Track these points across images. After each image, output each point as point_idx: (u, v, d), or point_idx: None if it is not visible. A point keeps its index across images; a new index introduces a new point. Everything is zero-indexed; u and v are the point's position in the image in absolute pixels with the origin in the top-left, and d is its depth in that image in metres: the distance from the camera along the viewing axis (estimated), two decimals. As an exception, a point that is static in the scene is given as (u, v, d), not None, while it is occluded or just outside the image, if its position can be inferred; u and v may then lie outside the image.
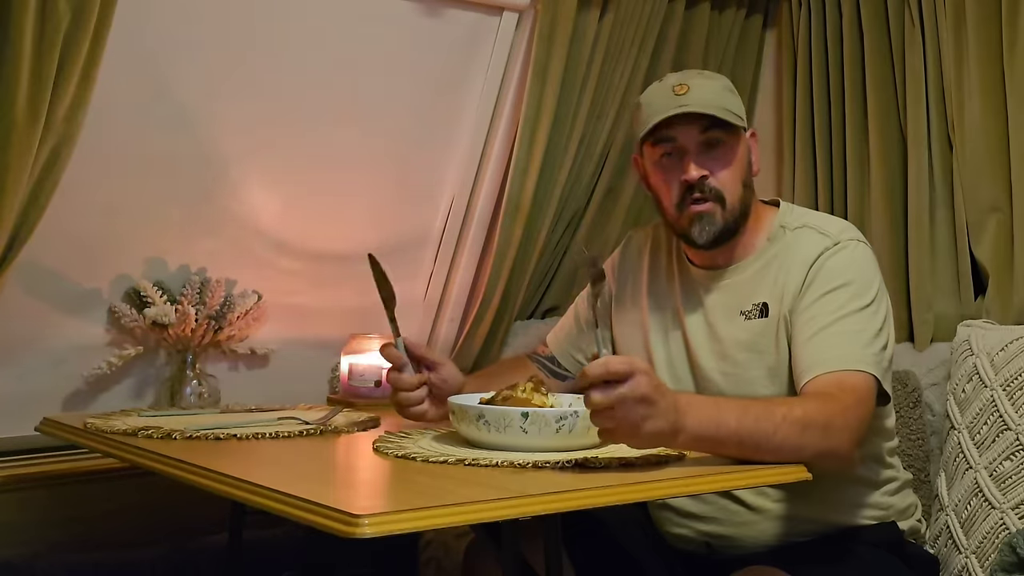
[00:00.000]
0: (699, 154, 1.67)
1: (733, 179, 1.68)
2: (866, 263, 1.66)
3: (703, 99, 1.66)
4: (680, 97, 1.66)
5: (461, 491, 1.26)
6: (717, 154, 1.68)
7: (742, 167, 1.70)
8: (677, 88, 1.67)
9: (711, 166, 1.67)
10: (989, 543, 1.82)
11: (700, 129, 1.66)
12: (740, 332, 1.69)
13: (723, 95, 1.69)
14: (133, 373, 2.24)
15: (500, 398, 1.54)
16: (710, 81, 1.71)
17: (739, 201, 1.69)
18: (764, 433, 1.41)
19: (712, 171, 1.67)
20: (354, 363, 2.27)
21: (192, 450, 1.54)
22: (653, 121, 1.67)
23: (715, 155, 1.68)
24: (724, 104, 1.68)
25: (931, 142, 2.25)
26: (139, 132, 2.09)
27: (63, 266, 2.11)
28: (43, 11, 1.69)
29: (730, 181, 1.68)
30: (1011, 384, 1.88)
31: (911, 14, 2.26)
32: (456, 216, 2.54)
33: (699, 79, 1.70)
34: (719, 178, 1.67)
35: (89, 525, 2.09)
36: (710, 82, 1.71)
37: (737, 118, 1.68)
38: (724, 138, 1.67)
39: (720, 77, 1.75)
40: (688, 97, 1.66)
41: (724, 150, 1.68)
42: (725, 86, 1.72)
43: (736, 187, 1.69)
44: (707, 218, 1.68)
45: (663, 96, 1.68)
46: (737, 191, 1.69)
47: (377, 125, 2.36)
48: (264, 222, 2.31)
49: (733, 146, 1.69)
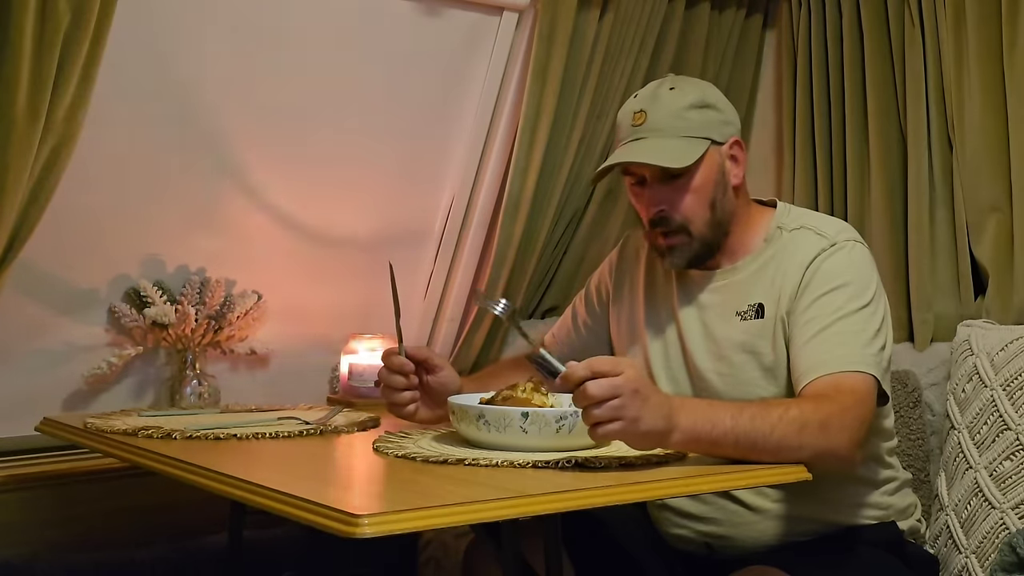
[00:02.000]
0: (659, 185, 1.66)
1: (697, 205, 1.66)
2: (863, 263, 1.65)
3: (657, 130, 1.64)
4: (636, 128, 1.66)
5: (461, 491, 1.26)
6: (678, 184, 1.66)
7: (708, 189, 1.67)
8: (636, 116, 1.66)
9: (672, 197, 1.66)
10: (989, 543, 1.82)
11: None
12: (736, 333, 1.68)
13: (683, 118, 1.65)
14: (133, 373, 2.24)
15: (500, 398, 1.54)
16: (672, 102, 1.66)
17: (707, 225, 1.67)
18: (761, 432, 1.41)
19: (672, 202, 1.66)
20: (354, 363, 2.27)
21: (192, 450, 1.54)
22: (609, 161, 1.68)
23: (676, 185, 1.66)
24: (681, 130, 1.65)
25: (931, 142, 2.25)
26: (139, 132, 2.10)
27: (63, 266, 2.11)
28: (43, 11, 1.69)
29: (692, 208, 1.66)
30: (1011, 384, 1.88)
31: (911, 14, 2.26)
32: (456, 216, 2.54)
33: (662, 101, 1.66)
34: (681, 209, 1.66)
35: (89, 525, 2.09)
36: (671, 104, 1.66)
37: (696, 143, 1.65)
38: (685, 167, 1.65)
39: (691, 90, 1.68)
40: (643, 128, 1.65)
41: (685, 178, 1.66)
42: (691, 103, 1.66)
43: (702, 212, 1.67)
44: (676, 250, 1.68)
45: (624, 123, 1.69)
46: (703, 216, 1.67)
47: (377, 125, 2.36)
48: (264, 222, 2.31)
49: (693, 171, 1.66)
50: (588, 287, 1.96)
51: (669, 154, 1.64)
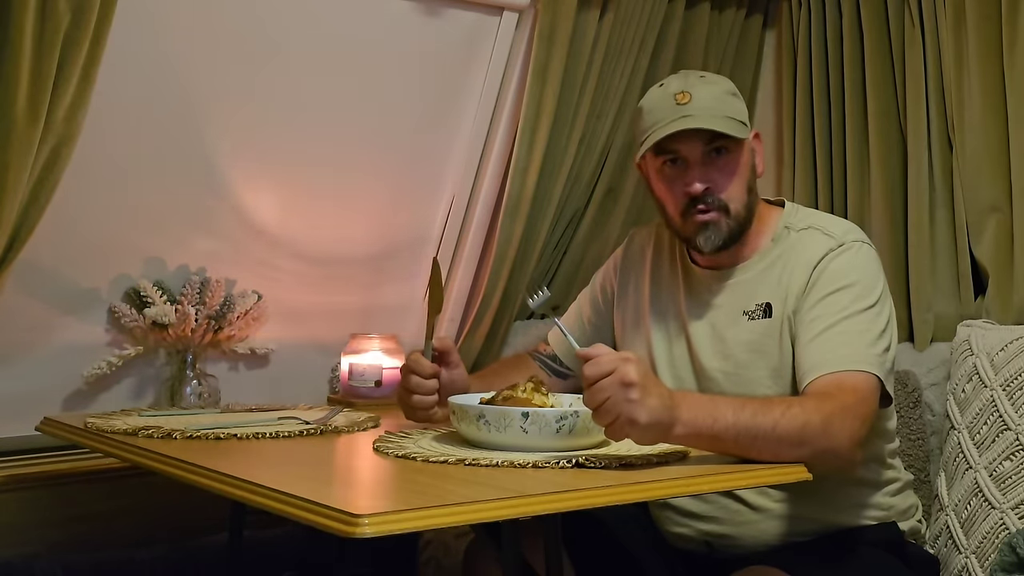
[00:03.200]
0: (702, 165, 1.66)
1: (738, 188, 1.67)
2: (870, 264, 1.65)
3: (705, 108, 1.64)
4: (682, 107, 1.64)
5: (461, 491, 1.26)
6: (721, 164, 1.66)
7: (746, 174, 1.69)
8: (679, 96, 1.65)
9: (715, 177, 1.66)
10: (989, 543, 1.82)
11: (704, 141, 1.65)
12: (743, 332, 1.68)
13: (726, 101, 1.68)
14: (133, 373, 2.23)
15: (500, 398, 1.54)
16: (712, 86, 1.68)
17: (744, 208, 1.68)
18: (762, 428, 1.41)
19: (716, 182, 1.66)
20: (354, 363, 2.27)
21: (192, 450, 1.54)
22: (657, 135, 1.64)
23: (719, 165, 1.66)
24: (726, 111, 1.66)
25: (931, 142, 2.25)
26: (139, 132, 2.09)
27: (63, 266, 2.11)
28: (43, 11, 1.69)
29: (734, 190, 1.67)
30: (1011, 384, 1.88)
31: (911, 14, 2.26)
32: (456, 216, 2.54)
33: (701, 85, 1.67)
34: (723, 189, 1.66)
35: (89, 525, 2.09)
36: (712, 87, 1.68)
37: (740, 125, 1.67)
38: (727, 147, 1.66)
39: (722, 80, 1.72)
40: (690, 106, 1.64)
41: (728, 160, 1.67)
42: (727, 90, 1.70)
43: (740, 195, 1.68)
44: (712, 227, 1.67)
45: (665, 104, 1.66)
46: (742, 199, 1.68)
47: (377, 125, 2.36)
48: (264, 222, 2.31)
49: (737, 154, 1.67)
50: (593, 284, 1.96)
51: (726, 127, 1.64)
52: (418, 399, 1.70)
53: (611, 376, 1.34)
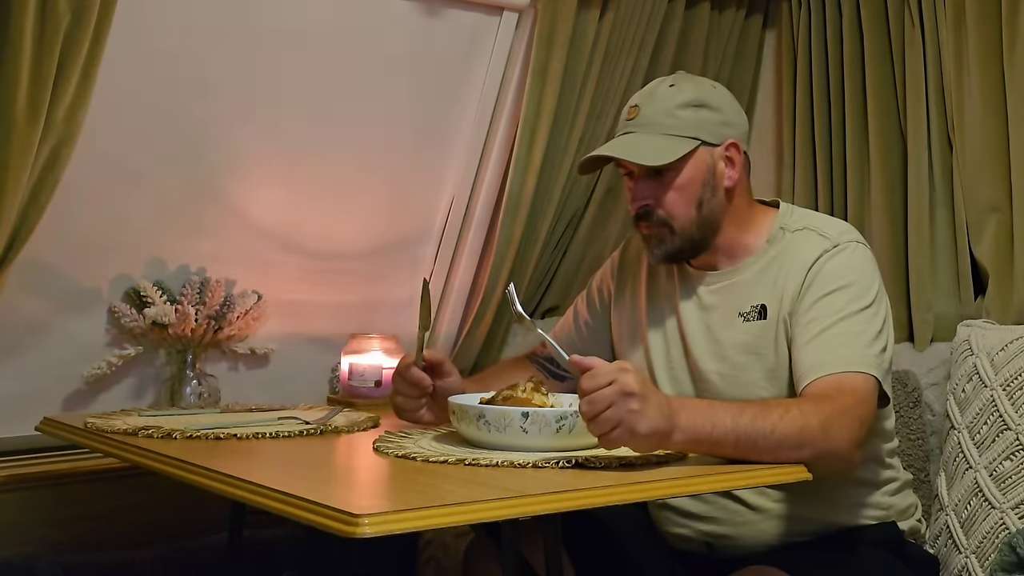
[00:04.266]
0: (643, 180, 1.67)
1: (681, 202, 1.66)
2: (866, 265, 1.65)
3: (648, 122, 1.65)
4: (628, 123, 1.68)
5: (461, 491, 1.26)
6: (663, 180, 1.66)
7: (695, 188, 1.66)
8: (630, 111, 1.68)
9: (657, 192, 1.66)
10: (989, 543, 1.82)
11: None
12: (739, 334, 1.68)
13: (673, 115, 1.65)
14: (133, 373, 2.24)
15: (500, 398, 1.54)
16: (670, 97, 1.66)
17: (692, 224, 1.67)
18: (761, 432, 1.41)
19: (657, 198, 1.66)
20: (354, 363, 2.27)
21: (192, 450, 1.54)
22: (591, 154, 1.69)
23: (661, 180, 1.66)
24: (670, 127, 1.65)
25: (931, 142, 2.25)
26: (139, 131, 2.10)
27: (63, 266, 2.11)
28: (43, 11, 1.69)
29: (676, 205, 1.66)
30: (1011, 384, 1.88)
31: (911, 14, 2.26)
32: (456, 215, 2.54)
33: (656, 97, 1.67)
34: (663, 205, 1.66)
35: (89, 525, 2.09)
36: (668, 99, 1.66)
37: (685, 141, 1.65)
38: (669, 164, 1.65)
39: (690, 88, 1.68)
40: (634, 123, 1.66)
41: (670, 175, 1.66)
42: (686, 101, 1.66)
43: (686, 211, 1.66)
44: (654, 241, 1.69)
45: (622, 118, 1.70)
46: (687, 215, 1.66)
47: (377, 124, 2.36)
48: (264, 222, 2.31)
49: (679, 171, 1.66)
50: (590, 287, 1.96)
51: (650, 150, 1.64)
52: (402, 400, 1.71)
53: (611, 387, 1.34)
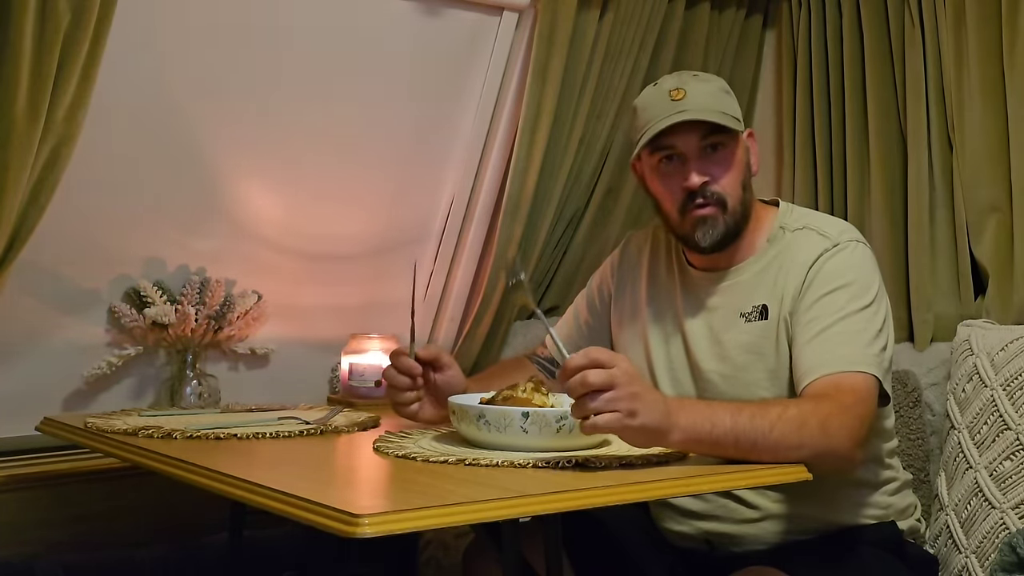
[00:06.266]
0: (699, 159, 1.67)
1: (734, 182, 1.68)
2: (866, 264, 1.65)
3: (700, 104, 1.65)
4: (677, 103, 1.66)
5: (461, 491, 1.26)
6: (717, 158, 1.68)
7: (741, 169, 1.70)
8: (674, 93, 1.66)
9: (712, 171, 1.67)
10: (989, 543, 1.82)
11: (700, 135, 1.66)
12: (741, 334, 1.68)
13: (719, 98, 1.69)
14: (133, 373, 2.24)
15: (500, 398, 1.54)
16: (706, 84, 1.70)
17: (740, 203, 1.69)
18: (760, 431, 1.41)
19: (713, 176, 1.67)
20: (354, 363, 2.27)
21: (192, 450, 1.54)
22: (653, 130, 1.65)
23: (715, 159, 1.68)
24: (721, 107, 1.67)
25: (931, 142, 2.25)
26: (139, 132, 2.10)
27: (63, 266, 2.11)
28: (43, 11, 1.69)
29: (731, 185, 1.68)
30: (1011, 384, 1.88)
31: (911, 14, 2.26)
32: (456, 215, 2.54)
33: (695, 82, 1.69)
34: (720, 182, 1.67)
35: (89, 525, 2.09)
36: (706, 85, 1.70)
37: (735, 120, 1.68)
38: (724, 142, 1.67)
39: (715, 79, 1.74)
40: (685, 102, 1.65)
41: (724, 154, 1.68)
42: (721, 88, 1.72)
43: (737, 190, 1.69)
44: (710, 222, 1.68)
45: (660, 102, 1.67)
46: (738, 194, 1.69)
47: (377, 124, 2.36)
48: (264, 222, 2.31)
49: (733, 149, 1.69)
50: (590, 287, 1.96)
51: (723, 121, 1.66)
52: (394, 392, 1.71)
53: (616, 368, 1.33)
